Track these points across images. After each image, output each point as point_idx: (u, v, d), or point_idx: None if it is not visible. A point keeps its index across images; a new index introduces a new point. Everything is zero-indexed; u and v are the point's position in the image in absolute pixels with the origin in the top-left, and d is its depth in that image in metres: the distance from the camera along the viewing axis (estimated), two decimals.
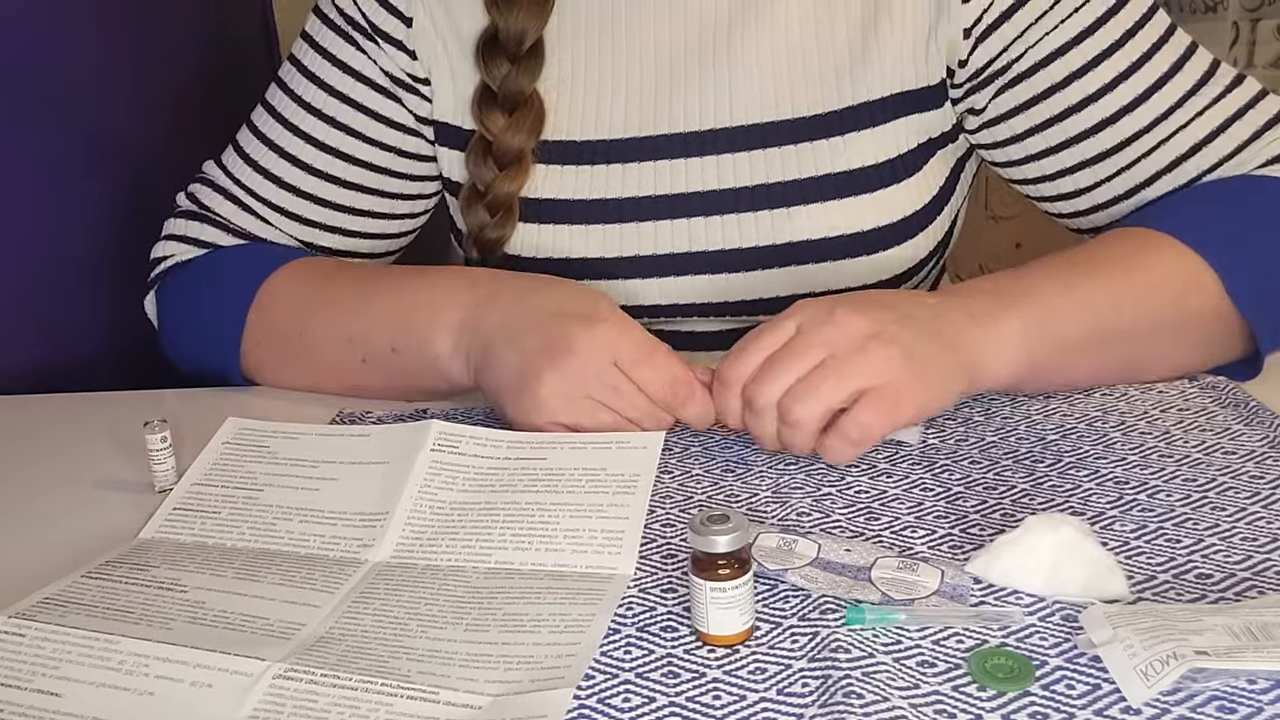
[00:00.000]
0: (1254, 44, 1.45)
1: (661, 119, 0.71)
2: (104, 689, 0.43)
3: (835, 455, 0.54)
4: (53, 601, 0.48)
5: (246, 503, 0.57)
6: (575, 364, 0.57)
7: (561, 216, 0.72)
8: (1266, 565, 0.46)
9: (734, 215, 0.70)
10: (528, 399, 0.58)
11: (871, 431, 0.53)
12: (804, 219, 0.69)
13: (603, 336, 0.57)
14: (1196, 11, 1.45)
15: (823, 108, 0.70)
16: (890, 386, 0.53)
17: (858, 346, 0.53)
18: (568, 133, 0.72)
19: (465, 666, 0.43)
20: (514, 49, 0.71)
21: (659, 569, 0.49)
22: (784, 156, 0.70)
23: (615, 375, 0.58)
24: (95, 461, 0.63)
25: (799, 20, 0.70)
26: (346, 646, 0.44)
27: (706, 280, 0.71)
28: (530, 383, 0.58)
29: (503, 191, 0.71)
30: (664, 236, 0.71)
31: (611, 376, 0.57)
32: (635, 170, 0.71)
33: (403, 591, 0.48)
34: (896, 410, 0.53)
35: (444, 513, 0.54)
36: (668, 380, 0.58)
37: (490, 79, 0.71)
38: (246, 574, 0.50)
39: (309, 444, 0.61)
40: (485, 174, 0.72)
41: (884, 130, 0.70)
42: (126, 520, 0.56)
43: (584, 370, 0.57)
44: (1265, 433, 0.57)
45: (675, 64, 0.71)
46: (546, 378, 0.57)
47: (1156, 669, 0.38)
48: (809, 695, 0.40)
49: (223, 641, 0.44)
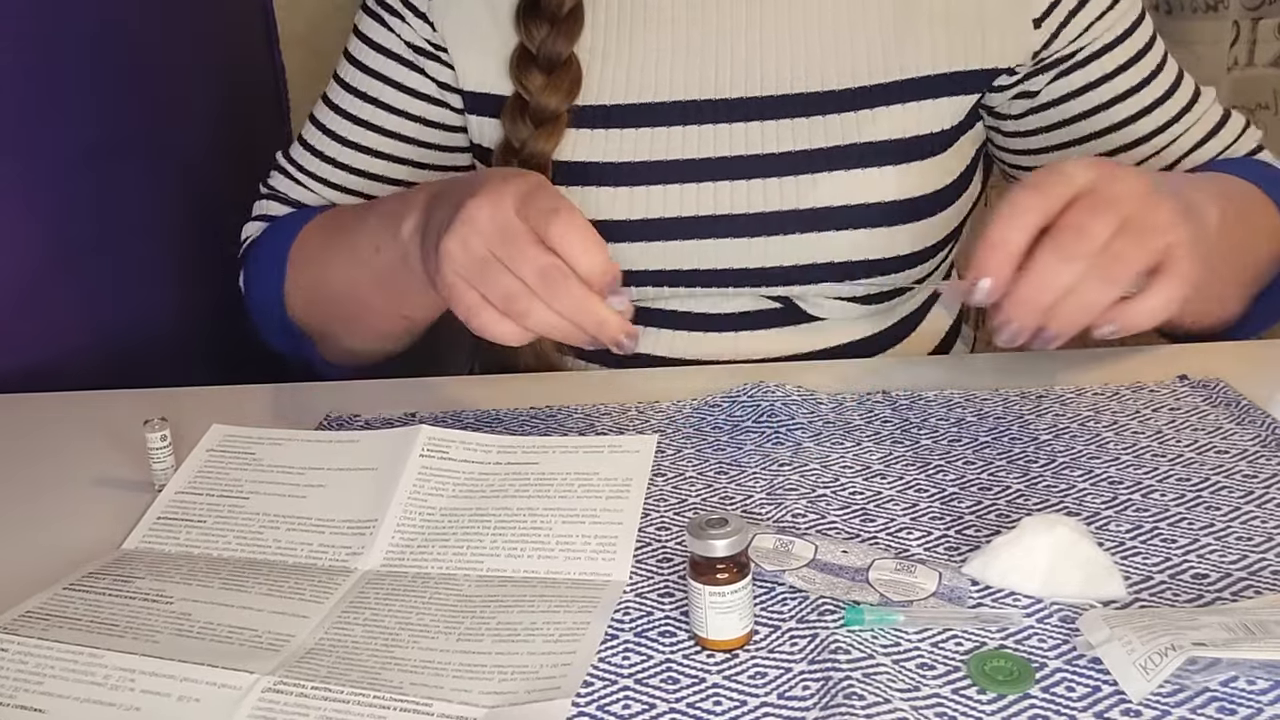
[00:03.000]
0: (1254, 43, 1.46)
1: (693, 84, 0.72)
2: (89, 704, 0.42)
3: (1136, 319, 0.52)
4: (35, 615, 0.47)
5: (232, 511, 0.56)
6: (480, 210, 0.54)
7: (593, 179, 0.72)
8: (1262, 565, 0.46)
9: (760, 180, 0.71)
10: (436, 251, 0.56)
11: (1172, 303, 0.52)
12: (828, 186, 0.70)
13: (513, 184, 0.55)
14: (1197, 10, 1.46)
15: (853, 82, 0.71)
16: (1182, 247, 0.51)
17: (1151, 205, 0.51)
18: (598, 97, 0.73)
19: (459, 677, 0.42)
20: (554, 11, 0.71)
21: (655, 573, 0.48)
22: (811, 126, 0.71)
23: (521, 230, 0.54)
24: (95, 460, 0.63)
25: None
26: (337, 658, 0.43)
27: (730, 244, 0.72)
28: (442, 234, 0.55)
29: (537, 149, 0.72)
30: (689, 199, 0.72)
31: (517, 230, 0.54)
32: (665, 134, 0.72)
33: (393, 601, 0.48)
34: (1187, 278, 0.52)
35: (434, 519, 0.53)
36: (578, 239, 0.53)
37: (529, 41, 0.72)
38: (233, 584, 0.49)
39: (295, 450, 0.60)
40: (521, 132, 0.72)
41: (915, 108, 0.71)
42: (126, 520, 0.56)
43: (488, 217, 0.54)
44: (1257, 431, 0.57)
45: (708, 31, 0.72)
46: (454, 228, 0.55)
47: (1155, 661, 0.38)
48: (810, 698, 0.40)
49: (210, 654, 0.44)
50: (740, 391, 0.65)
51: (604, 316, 0.54)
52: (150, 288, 0.92)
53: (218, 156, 1.03)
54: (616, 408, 0.65)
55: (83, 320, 0.86)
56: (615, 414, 0.64)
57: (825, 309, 0.74)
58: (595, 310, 0.54)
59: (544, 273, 0.53)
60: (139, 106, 0.90)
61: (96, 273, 0.86)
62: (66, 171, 0.84)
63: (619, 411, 0.65)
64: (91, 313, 0.86)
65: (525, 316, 0.54)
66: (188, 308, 0.96)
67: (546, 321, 0.54)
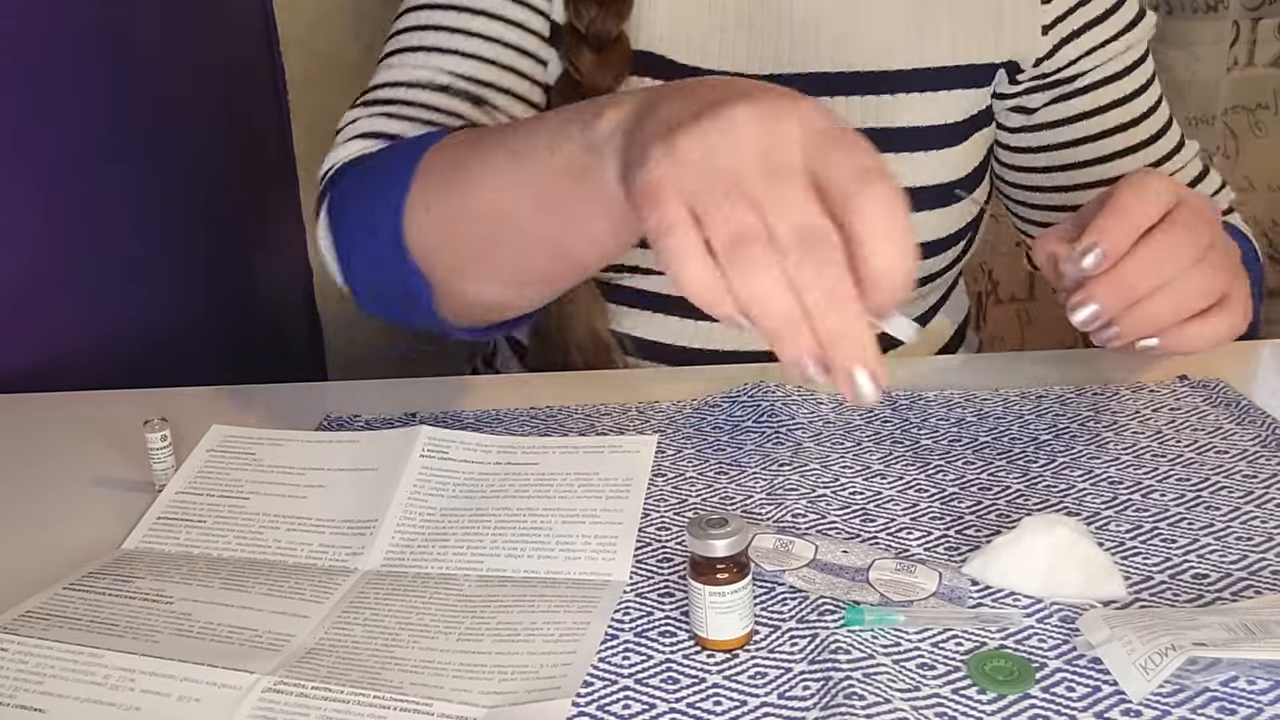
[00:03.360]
0: (1254, 43, 1.46)
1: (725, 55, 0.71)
2: (89, 704, 0.42)
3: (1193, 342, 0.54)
4: (35, 615, 0.47)
5: (232, 511, 0.56)
6: (743, 125, 0.39)
7: None
8: (1262, 565, 0.46)
9: None
10: (656, 145, 0.40)
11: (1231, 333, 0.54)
12: None
13: (797, 109, 0.39)
14: (1197, 10, 1.46)
15: (877, 65, 0.71)
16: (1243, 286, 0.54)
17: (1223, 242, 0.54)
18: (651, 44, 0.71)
19: (459, 677, 0.42)
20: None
21: (655, 573, 0.48)
22: (834, 105, 0.71)
23: (792, 159, 0.39)
24: (95, 460, 0.63)
25: None
26: (337, 658, 0.43)
27: None
28: (667, 136, 0.40)
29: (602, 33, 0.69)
30: None
31: (786, 157, 0.38)
32: None
33: (394, 601, 0.48)
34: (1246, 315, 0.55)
35: (434, 519, 0.53)
36: (859, 162, 0.38)
37: (578, 21, 0.71)
38: (233, 584, 0.49)
39: (295, 450, 0.60)
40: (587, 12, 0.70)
41: (932, 98, 0.72)
42: (126, 520, 0.56)
43: (751, 137, 0.39)
44: (1257, 431, 0.57)
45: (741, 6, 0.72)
46: (699, 125, 0.39)
47: (1155, 661, 0.38)
48: (810, 698, 0.40)
49: (210, 654, 0.44)
50: (740, 391, 0.65)
51: (864, 340, 0.38)
52: (150, 288, 0.92)
53: (218, 157, 1.03)
54: (616, 408, 0.65)
55: (83, 320, 0.86)
56: (615, 414, 0.64)
57: None
58: (856, 325, 0.38)
59: (808, 237, 0.37)
60: (139, 106, 0.90)
61: (97, 273, 0.86)
62: (66, 171, 0.84)
63: (619, 411, 0.65)
64: (92, 313, 0.86)
65: (747, 278, 0.37)
66: (188, 308, 0.96)
67: (775, 304, 0.37)
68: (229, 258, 1.07)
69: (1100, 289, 0.52)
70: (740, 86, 0.42)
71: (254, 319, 1.11)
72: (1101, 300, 0.52)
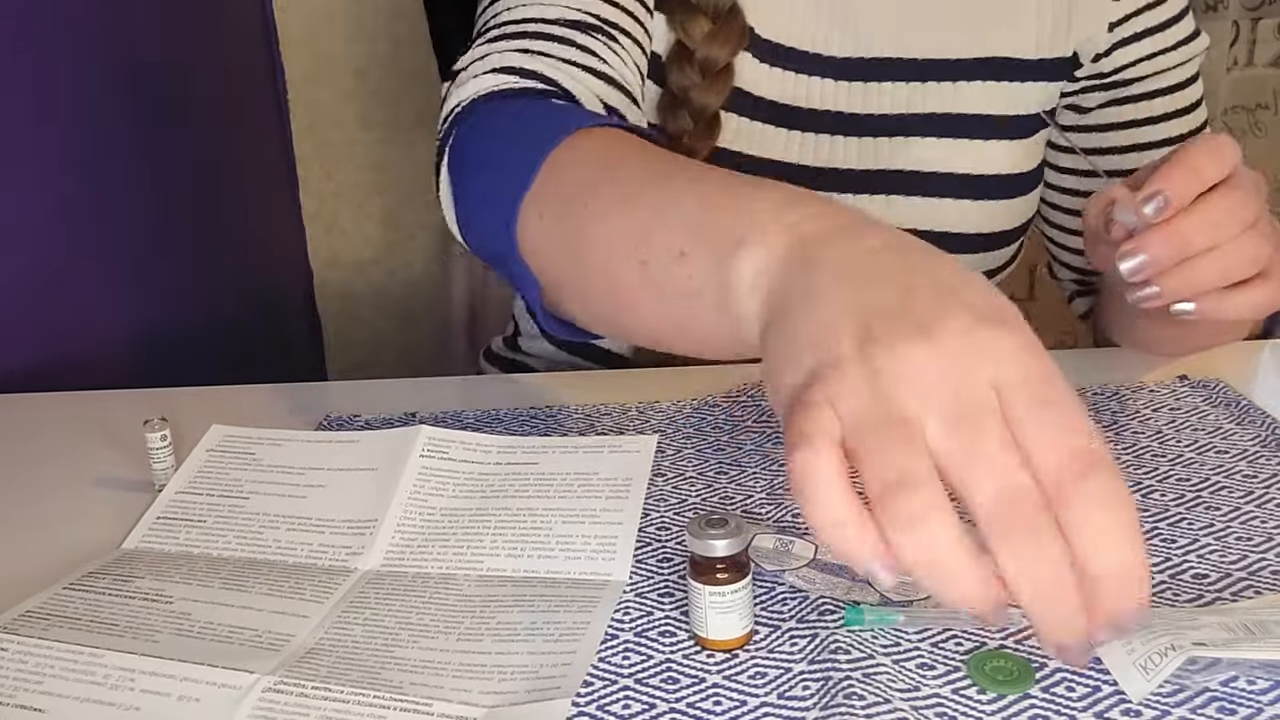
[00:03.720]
0: (1254, 43, 1.46)
1: (805, 36, 0.71)
2: (89, 704, 0.42)
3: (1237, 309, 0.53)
4: (35, 615, 0.47)
5: (232, 511, 0.56)
6: (930, 356, 0.33)
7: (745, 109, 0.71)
8: (1262, 565, 0.46)
9: (855, 139, 0.72)
10: (826, 377, 0.34)
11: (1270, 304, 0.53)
12: (919, 150, 0.71)
13: (1000, 341, 0.33)
14: (1197, 10, 1.47)
15: (954, 53, 0.72)
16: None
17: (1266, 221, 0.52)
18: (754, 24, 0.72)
19: (459, 677, 0.42)
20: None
21: (655, 573, 0.48)
22: (910, 91, 0.72)
23: (986, 404, 0.32)
24: (95, 460, 0.63)
25: None
26: (337, 658, 0.43)
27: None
28: (835, 351, 0.34)
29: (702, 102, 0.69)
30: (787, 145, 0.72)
31: (978, 402, 0.32)
32: (779, 76, 0.72)
33: (393, 600, 0.48)
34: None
35: (434, 519, 0.53)
36: (1073, 443, 0.32)
37: None
38: (233, 584, 0.49)
39: (295, 450, 0.60)
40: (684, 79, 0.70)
41: (1006, 87, 0.72)
42: (126, 520, 0.56)
43: (939, 372, 0.33)
44: (1257, 431, 0.57)
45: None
46: (869, 352, 0.33)
47: (1155, 661, 0.38)
48: (810, 698, 0.40)
49: (210, 654, 0.44)
50: (740, 391, 0.65)
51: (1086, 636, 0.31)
52: (150, 288, 0.92)
53: (218, 157, 1.03)
54: (616, 408, 0.65)
55: (83, 320, 0.86)
56: (615, 414, 0.64)
57: None
58: (1078, 621, 0.31)
59: (1016, 499, 0.31)
60: (139, 106, 0.90)
61: (96, 273, 0.86)
62: (66, 172, 0.84)
63: (619, 411, 0.65)
64: (92, 313, 0.86)
65: (912, 535, 0.31)
66: (188, 308, 0.96)
67: (960, 575, 0.31)
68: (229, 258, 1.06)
69: (1154, 240, 0.51)
70: (933, 288, 0.35)
71: (254, 319, 1.11)
72: (1153, 251, 0.51)
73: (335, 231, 1.48)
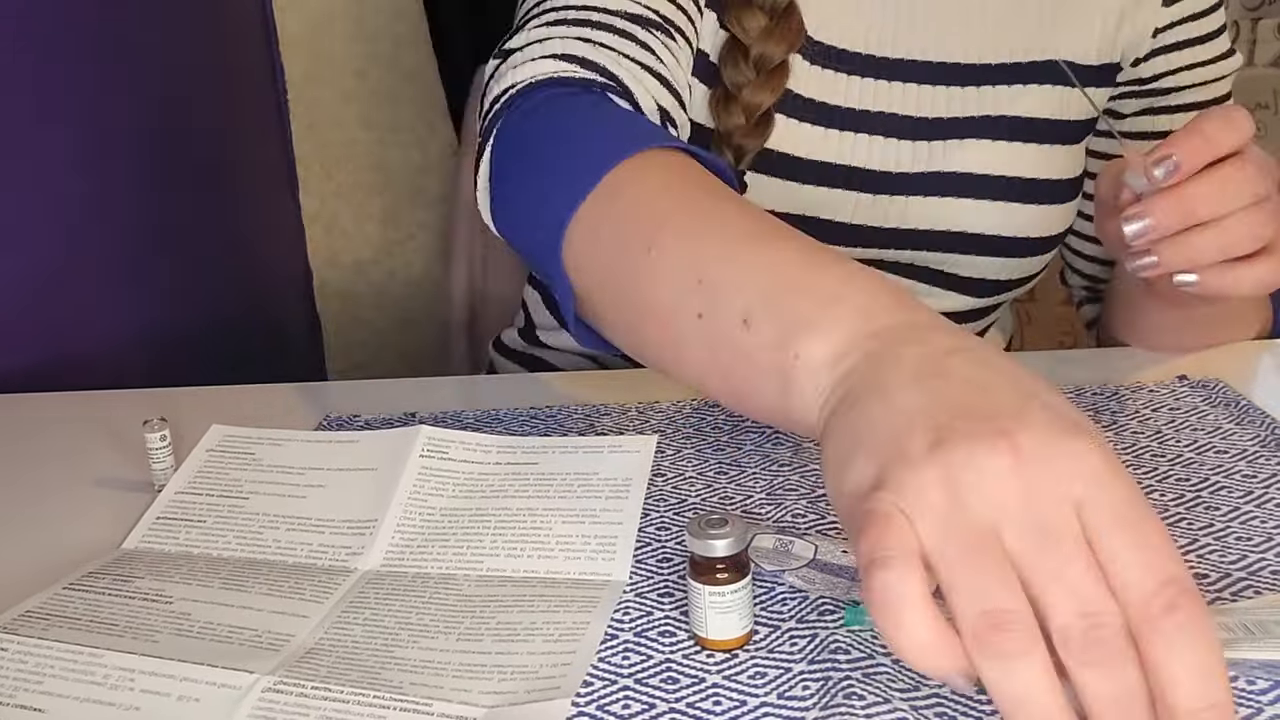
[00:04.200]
0: (1254, 43, 1.46)
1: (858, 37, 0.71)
2: (89, 704, 0.42)
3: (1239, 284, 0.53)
4: (34, 615, 0.47)
5: (232, 511, 0.56)
6: (1010, 464, 0.32)
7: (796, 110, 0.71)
8: (1262, 565, 0.46)
9: (908, 141, 0.71)
10: (900, 482, 0.33)
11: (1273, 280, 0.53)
12: (968, 153, 0.71)
13: (1084, 455, 0.32)
14: None
15: (1008, 57, 0.71)
16: None
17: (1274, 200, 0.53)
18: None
19: (459, 677, 0.42)
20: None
21: (655, 573, 0.48)
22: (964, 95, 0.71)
23: (1068, 521, 0.32)
24: (95, 460, 0.63)
25: None
26: (337, 658, 0.43)
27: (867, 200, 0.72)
28: (909, 451, 0.33)
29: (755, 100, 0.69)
30: (835, 146, 0.71)
31: (1061, 519, 0.31)
32: (830, 77, 0.71)
33: (393, 600, 0.48)
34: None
35: (434, 519, 0.53)
36: (1158, 571, 0.31)
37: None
38: (233, 584, 0.49)
39: (295, 450, 0.60)
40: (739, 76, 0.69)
41: (1059, 92, 0.72)
42: (126, 520, 0.56)
43: (1021, 481, 0.32)
44: (1256, 431, 0.57)
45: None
46: (946, 456, 0.32)
47: None
48: (810, 698, 0.40)
49: (210, 654, 0.44)
50: None
51: None
52: (150, 288, 0.92)
53: (217, 156, 1.03)
54: (616, 408, 0.65)
55: (83, 320, 0.86)
56: (615, 414, 0.64)
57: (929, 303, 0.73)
58: None
59: (1100, 624, 0.30)
60: (139, 106, 0.90)
61: (96, 273, 0.86)
62: (66, 172, 0.84)
63: (619, 411, 0.65)
64: (92, 313, 0.86)
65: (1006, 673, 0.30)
66: (188, 308, 0.96)
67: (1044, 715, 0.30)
68: (229, 258, 1.06)
69: (1159, 205, 0.51)
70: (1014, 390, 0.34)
71: (254, 319, 1.11)
72: (1158, 216, 0.51)
73: (335, 231, 1.48)
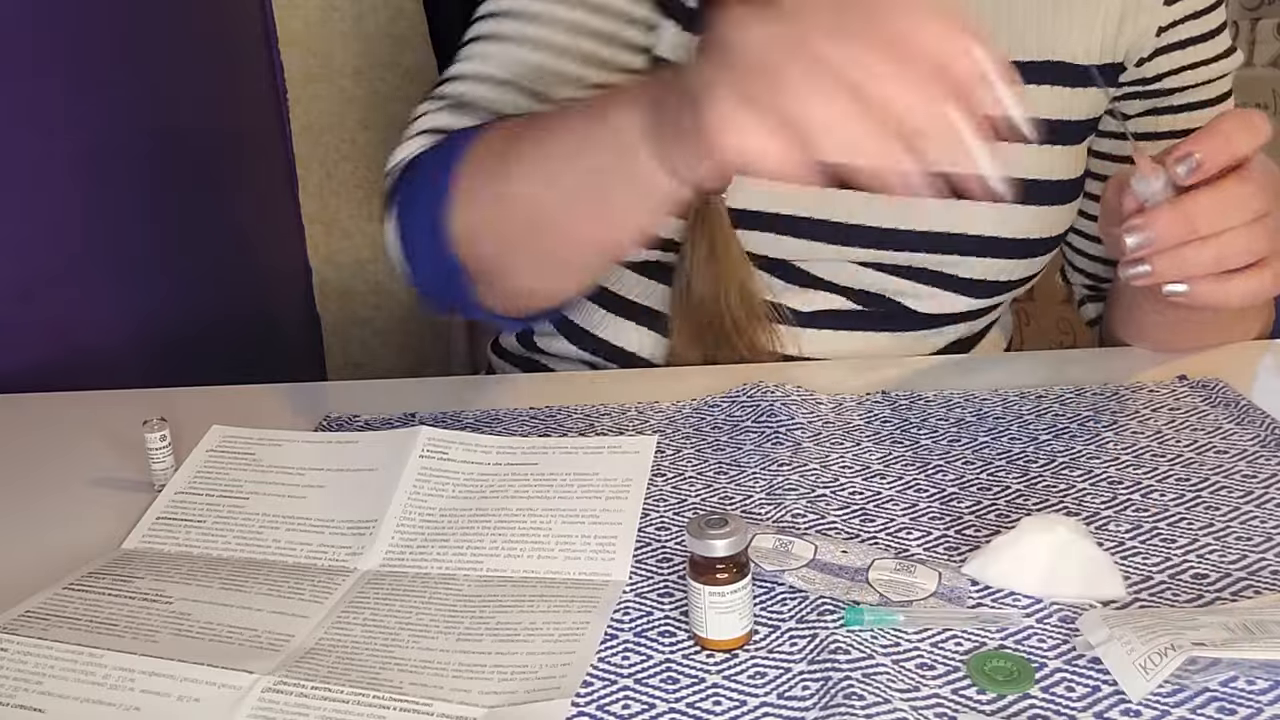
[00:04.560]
0: (1254, 43, 1.46)
1: None
2: (88, 704, 0.42)
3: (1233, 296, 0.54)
4: (34, 615, 0.47)
5: (232, 511, 0.56)
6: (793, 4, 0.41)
7: None
8: (1261, 565, 0.46)
9: None
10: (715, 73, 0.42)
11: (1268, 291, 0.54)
12: None
13: None
14: None
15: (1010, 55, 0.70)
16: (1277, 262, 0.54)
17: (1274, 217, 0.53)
18: None
19: (459, 677, 0.42)
20: None
21: (655, 573, 0.48)
22: None
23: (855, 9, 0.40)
24: (95, 460, 0.63)
25: None
26: (337, 658, 0.43)
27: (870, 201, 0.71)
28: (722, 46, 0.42)
29: None
30: None
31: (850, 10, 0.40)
32: None
33: (393, 601, 0.48)
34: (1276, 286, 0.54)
35: (434, 520, 0.53)
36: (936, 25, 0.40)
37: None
38: (233, 584, 0.49)
39: (295, 451, 0.60)
40: None
41: (1061, 92, 0.71)
42: (126, 520, 0.56)
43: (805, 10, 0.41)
44: (1256, 431, 0.57)
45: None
46: (746, 31, 0.41)
47: (1155, 661, 0.38)
48: (810, 698, 0.40)
49: (210, 654, 0.44)
50: (740, 391, 0.65)
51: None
52: (150, 288, 0.92)
53: (218, 157, 1.03)
54: (616, 408, 0.65)
55: (83, 320, 0.86)
56: (615, 414, 0.64)
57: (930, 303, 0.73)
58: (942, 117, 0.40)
59: (893, 43, 0.39)
60: (139, 106, 0.90)
61: (97, 273, 0.86)
62: (67, 172, 0.84)
63: (619, 411, 0.65)
64: (92, 313, 0.86)
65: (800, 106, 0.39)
66: (188, 308, 0.96)
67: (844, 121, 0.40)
68: (229, 258, 1.07)
69: (1162, 218, 0.52)
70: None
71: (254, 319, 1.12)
72: (1160, 230, 0.52)
73: (335, 231, 1.48)
